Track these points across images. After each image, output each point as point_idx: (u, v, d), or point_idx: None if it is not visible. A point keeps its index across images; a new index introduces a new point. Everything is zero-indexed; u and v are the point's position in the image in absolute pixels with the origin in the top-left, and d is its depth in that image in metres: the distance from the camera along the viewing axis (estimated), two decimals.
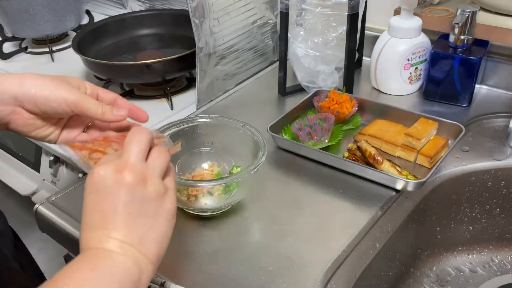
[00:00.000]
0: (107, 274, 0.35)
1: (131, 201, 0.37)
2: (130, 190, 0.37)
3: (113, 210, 0.37)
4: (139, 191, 0.38)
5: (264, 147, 0.54)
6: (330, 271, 0.50)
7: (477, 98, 0.77)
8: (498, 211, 0.68)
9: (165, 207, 0.39)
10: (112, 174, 0.37)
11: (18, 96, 0.45)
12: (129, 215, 0.37)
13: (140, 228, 0.37)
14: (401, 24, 0.74)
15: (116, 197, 0.37)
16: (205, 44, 0.75)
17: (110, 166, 0.38)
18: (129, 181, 0.37)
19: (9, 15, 1.01)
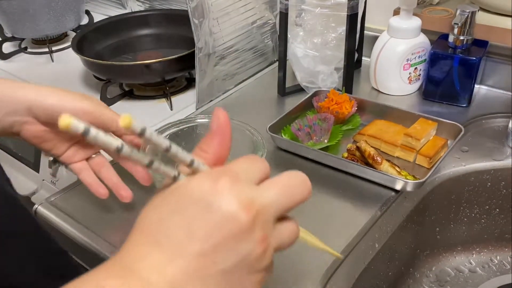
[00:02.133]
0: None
1: (233, 248, 0.27)
2: (240, 233, 0.27)
3: (205, 238, 0.26)
4: (244, 234, 0.27)
5: (263, 148, 0.54)
6: (329, 271, 0.50)
7: (477, 98, 0.77)
8: (498, 211, 0.68)
9: (259, 275, 0.29)
10: (234, 194, 0.27)
11: (32, 107, 0.43)
12: (215, 260, 0.26)
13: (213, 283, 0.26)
14: (400, 24, 0.74)
15: (221, 227, 0.26)
16: (204, 44, 0.75)
17: (229, 183, 0.28)
18: (247, 219, 0.27)
19: (8, 15, 1.00)
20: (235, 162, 0.30)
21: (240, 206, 0.27)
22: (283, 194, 0.29)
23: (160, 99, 0.84)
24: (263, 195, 0.28)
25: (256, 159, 0.31)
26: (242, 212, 0.27)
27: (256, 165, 0.30)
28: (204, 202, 0.27)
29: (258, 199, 0.28)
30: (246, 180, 0.28)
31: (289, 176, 0.30)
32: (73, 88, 0.89)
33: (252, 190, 0.28)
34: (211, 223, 0.26)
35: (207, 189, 0.27)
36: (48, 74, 0.96)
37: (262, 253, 0.28)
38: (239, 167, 0.29)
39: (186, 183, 0.28)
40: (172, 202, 0.28)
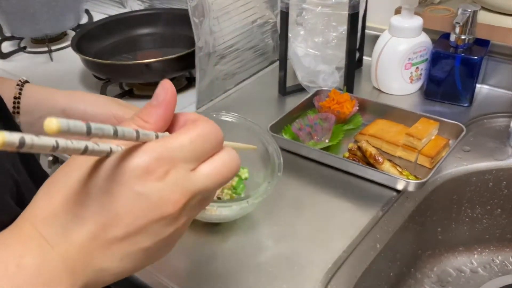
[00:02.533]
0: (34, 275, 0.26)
1: (156, 232, 0.27)
2: (165, 220, 0.27)
3: (118, 207, 0.27)
4: (169, 220, 0.28)
5: (279, 169, 0.51)
6: (330, 271, 0.49)
7: (478, 98, 0.76)
8: (499, 212, 0.68)
9: (177, 240, 0.30)
10: (147, 164, 0.26)
11: (67, 109, 0.44)
12: (130, 226, 0.27)
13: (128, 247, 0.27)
14: (402, 24, 0.73)
15: (147, 215, 0.27)
16: (204, 44, 0.74)
17: (148, 153, 0.27)
18: (173, 211, 0.27)
19: (7, 14, 1.00)
20: (179, 135, 0.28)
21: (170, 196, 0.27)
22: (218, 179, 0.29)
23: None
24: (197, 184, 0.28)
25: (205, 137, 0.29)
26: (169, 205, 0.27)
27: (203, 145, 0.28)
28: (135, 188, 0.27)
29: (190, 189, 0.28)
30: (182, 167, 0.27)
31: (229, 159, 0.29)
32: (73, 88, 0.89)
33: (185, 179, 0.27)
34: (138, 209, 0.27)
35: (139, 175, 0.26)
36: (47, 74, 0.96)
37: (184, 230, 0.30)
38: (180, 146, 0.28)
39: (120, 162, 0.27)
40: (102, 179, 0.27)
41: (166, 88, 0.30)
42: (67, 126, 0.22)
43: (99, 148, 0.26)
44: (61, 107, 0.44)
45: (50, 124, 0.21)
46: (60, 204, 0.27)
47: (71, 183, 0.27)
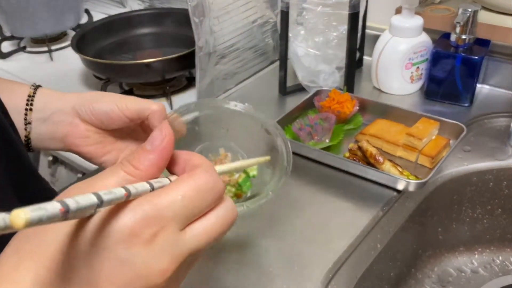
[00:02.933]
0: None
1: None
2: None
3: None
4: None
5: (286, 172, 0.48)
6: (331, 272, 0.49)
7: (479, 97, 0.76)
8: (500, 212, 0.68)
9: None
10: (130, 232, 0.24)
11: (76, 105, 0.44)
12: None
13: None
14: (402, 23, 0.73)
15: (132, 283, 0.24)
16: (205, 43, 0.74)
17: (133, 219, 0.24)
18: (161, 281, 0.25)
19: (7, 14, 1.00)
20: (171, 190, 0.25)
21: (158, 265, 0.24)
22: (210, 239, 0.26)
23: (160, 98, 0.84)
24: (187, 247, 0.25)
25: (201, 193, 0.26)
26: (156, 274, 0.24)
27: (196, 202, 0.26)
28: (119, 254, 0.24)
29: (179, 255, 0.25)
30: (171, 228, 0.25)
31: (225, 214, 0.27)
32: (73, 88, 0.89)
33: (175, 243, 0.25)
34: (121, 279, 0.24)
35: (125, 237, 0.24)
36: (47, 73, 0.96)
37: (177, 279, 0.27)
38: (171, 203, 0.25)
39: (104, 222, 0.24)
40: (84, 244, 0.24)
41: (164, 134, 0.27)
42: (38, 218, 0.18)
43: (82, 209, 0.22)
44: (71, 105, 0.45)
45: (16, 218, 0.18)
46: (36, 279, 0.24)
47: (48, 251, 0.24)
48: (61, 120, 0.45)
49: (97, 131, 0.45)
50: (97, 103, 0.44)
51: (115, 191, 0.23)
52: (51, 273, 0.24)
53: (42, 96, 0.46)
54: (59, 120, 0.45)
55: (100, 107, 0.44)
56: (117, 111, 0.43)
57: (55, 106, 0.45)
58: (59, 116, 0.45)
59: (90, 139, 0.45)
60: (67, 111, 0.45)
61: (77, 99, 0.45)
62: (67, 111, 0.45)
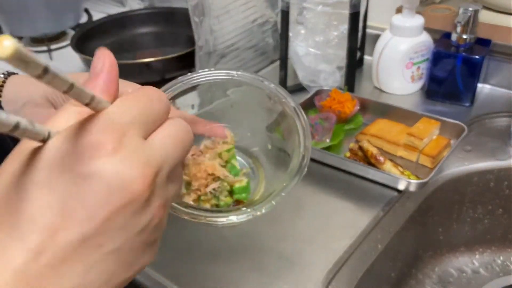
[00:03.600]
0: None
1: (124, 225, 0.21)
2: (134, 205, 0.21)
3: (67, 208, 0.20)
4: (138, 205, 0.21)
5: (301, 168, 0.39)
6: (331, 272, 0.49)
7: (480, 97, 0.76)
8: (501, 212, 0.68)
9: (155, 243, 0.24)
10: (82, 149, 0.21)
11: (47, 93, 0.39)
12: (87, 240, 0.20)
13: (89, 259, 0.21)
14: (403, 23, 0.73)
15: (107, 202, 0.20)
16: (205, 43, 0.74)
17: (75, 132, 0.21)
18: (142, 188, 0.21)
19: (6, 13, 1.00)
20: (122, 100, 0.23)
21: (133, 170, 0.21)
22: (176, 143, 0.24)
23: None
24: (157, 152, 0.23)
25: (151, 97, 0.24)
26: (135, 181, 0.21)
27: (151, 108, 0.23)
28: (82, 171, 0.20)
29: (152, 158, 0.22)
30: (134, 134, 0.22)
31: (178, 123, 0.25)
32: None
33: (144, 148, 0.22)
34: (92, 198, 0.20)
35: (84, 154, 0.20)
36: None
37: (159, 222, 0.23)
38: (126, 110, 0.22)
39: (59, 144, 0.21)
40: (36, 170, 0.20)
41: (103, 58, 0.24)
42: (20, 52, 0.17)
43: (34, 129, 0.20)
44: (42, 92, 0.39)
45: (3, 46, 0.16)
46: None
47: (1, 183, 0.21)
48: (34, 112, 0.39)
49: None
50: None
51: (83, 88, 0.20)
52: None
53: (12, 85, 0.40)
54: (32, 113, 0.39)
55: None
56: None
57: (24, 96, 0.39)
58: (31, 107, 0.39)
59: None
60: (39, 101, 0.39)
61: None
62: (39, 101, 0.39)
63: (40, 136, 0.21)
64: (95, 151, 0.20)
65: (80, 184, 0.20)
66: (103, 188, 0.20)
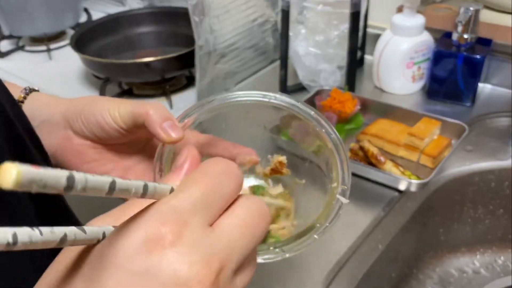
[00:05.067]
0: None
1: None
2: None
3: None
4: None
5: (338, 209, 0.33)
6: (332, 273, 0.49)
7: (481, 97, 0.76)
8: (502, 212, 0.68)
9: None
10: (141, 247, 0.19)
11: (67, 114, 0.37)
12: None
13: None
14: (403, 22, 0.73)
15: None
16: (205, 42, 0.74)
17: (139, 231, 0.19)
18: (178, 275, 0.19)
19: (6, 12, 0.99)
20: (185, 185, 0.21)
21: (191, 269, 0.18)
22: (248, 229, 0.21)
23: (160, 97, 0.83)
24: (220, 242, 0.20)
25: (217, 172, 0.22)
26: (194, 280, 0.18)
27: (218, 187, 0.21)
28: (135, 268, 0.18)
29: (217, 251, 0.20)
30: (197, 224, 0.20)
31: (251, 202, 0.22)
32: (72, 87, 0.89)
33: (207, 240, 0.19)
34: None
35: (139, 249, 0.18)
36: (46, 73, 0.95)
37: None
38: (189, 198, 0.20)
39: (112, 240, 0.19)
40: (88, 266, 0.19)
41: (185, 155, 0.23)
42: (30, 178, 0.14)
43: (85, 236, 0.18)
44: (62, 113, 0.38)
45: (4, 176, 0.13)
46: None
47: (51, 282, 0.19)
48: (51, 132, 0.38)
49: (92, 146, 0.37)
50: (87, 112, 0.36)
51: (132, 181, 0.18)
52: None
53: (31, 102, 0.39)
54: (48, 132, 0.38)
55: (90, 116, 0.36)
56: (109, 121, 0.35)
57: (44, 114, 0.38)
58: (48, 126, 0.38)
59: (85, 155, 0.37)
60: (57, 121, 0.38)
61: (69, 106, 0.37)
62: (57, 121, 0.38)
63: (93, 240, 0.19)
64: (152, 245, 0.18)
65: (134, 284, 0.18)
66: (156, 286, 0.18)
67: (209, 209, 0.21)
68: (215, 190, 0.21)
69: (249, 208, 0.22)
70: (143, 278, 0.18)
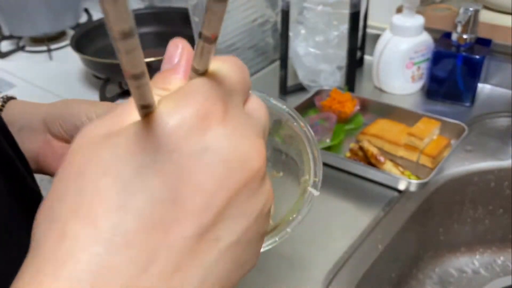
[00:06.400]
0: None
1: (245, 208, 0.18)
2: (253, 183, 0.18)
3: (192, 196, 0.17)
4: (258, 182, 0.19)
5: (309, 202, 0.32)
6: (331, 273, 0.49)
7: (480, 97, 0.76)
8: (501, 212, 0.68)
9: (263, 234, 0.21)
10: (195, 121, 0.17)
11: (46, 118, 0.37)
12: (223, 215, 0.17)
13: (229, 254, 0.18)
14: (403, 23, 0.73)
15: (229, 181, 0.17)
16: None
17: (189, 106, 0.17)
18: (261, 163, 0.18)
19: (6, 13, 1.00)
20: (219, 66, 0.20)
21: (249, 143, 0.18)
22: (267, 117, 0.21)
23: None
24: (260, 120, 0.20)
25: (239, 64, 0.21)
26: (254, 153, 0.18)
27: (245, 75, 0.21)
28: (193, 148, 0.17)
29: (260, 128, 0.20)
30: (237, 101, 0.19)
31: (256, 98, 0.22)
32: (72, 87, 0.89)
33: (248, 118, 0.19)
34: (209, 179, 0.17)
35: (191, 127, 0.17)
36: (46, 73, 0.95)
37: (271, 204, 0.20)
38: (226, 80, 0.19)
39: (157, 121, 0.17)
40: (138, 155, 0.17)
41: (181, 47, 0.22)
42: None
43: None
44: (41, 118, 0.38)
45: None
46: (101, 218, 0.16)
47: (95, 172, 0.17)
48: (30, 137, 0.38)
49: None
50: (65, 115, 0.36)
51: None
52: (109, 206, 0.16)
53: (11, 109, 0.39)
54: (28, 137, 0.38)
55: (67, 119, 0.36)
56: (86, 122, 0.35)
57: (22, 120, 0.38)
58: (28, 132, 0.38)
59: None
60: (36, 126, 0.38)
61: (47, 110, 0.38)
62: (36, 126, 0.38)
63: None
64: (203, 122, 0.17)
65: (192, 164, 0.17)
66: (220, 166, 0.17)
67: (241, 90, 0.20)
68: (245, 77, 0.20)
69: (258, 100, 0.22)
70: (204, 157, 0.17)
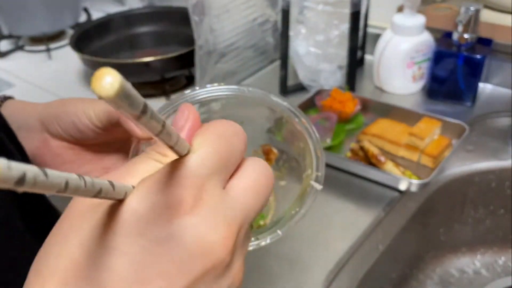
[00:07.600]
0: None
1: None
2: (215, 270, 0.20)
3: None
4: (220, 270, 0.20)
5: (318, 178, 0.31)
6: (332, 273, 0.49)
7: (481, 97, 0.76)
8: (502, 212, 0.68)
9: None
10: (161, 213, 0.19)
11: (43, 117, 0.37)
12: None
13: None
14: (404, 22, 0.73)
15: (190, 268, 0.19)
16: (204, 42, 0.74)
17: (154, 195, 0.19)
18: (226, 252, 0.19)
19: (5, 12, 0.99)
20: (200, 147, 0.20)
21: (215, 233, 0.19)
22: (259, 192, 0.21)
23: (160, 97, 0.83)
24: (239, 205, 0.20)
25: (228, 132, 0.21)
26: (218, 243, 0.19)
27: (230, 148, 0.21)
28: (160, 234, 0.18)
29: (235, 215, 0.20)
30: (214, 186, 0.20)
31: (258, 163, 0.22)
32: (71, 87, 0.89)
33: (225, 202, 0.20)
34: (171, 265, 0.18)
35: (159, 216, 0.18)
36: (46, 72, 0.95)
37: (240, 280, 0.22)
38: (206, 161, 0.19)
39: (131, 204, 0.18)
40: (112, 235, 0.18)
41: (186, 114, 0.22)
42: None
43: (114, 192, 0.18)
44: (38, 117, 0.38)
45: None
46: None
47: (70, 253, 0.19)
48: (27, 136, 0.38)
49: (70, 147, 0.37)
50: (62, 114, 0.36)
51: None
52: (78, 278, 0.18)
53: (6, 109, 0.39)
54: (25, 136, 0.38)
55: (65, 118, 0.36)
56: (84, 120, 0.35)
57: (20, 119, 0.38)
58: (25, 131, 0.38)
59: (63, 157, 0.37)
60: (33, 125, 0.38)
61: (44, 109, 0.38)
62: (33, 125, 0.38)
63: (120, 196, 0.18)
64: (172, 210, 0.18)
65: (157, 250, 0.18)
66: (183, 254, 0.18)
67: (224, 171, 0.20)
68: (228, 151, 0.21)
69: (258, 169, 0.22)
70: (169, 245, 0.18)
